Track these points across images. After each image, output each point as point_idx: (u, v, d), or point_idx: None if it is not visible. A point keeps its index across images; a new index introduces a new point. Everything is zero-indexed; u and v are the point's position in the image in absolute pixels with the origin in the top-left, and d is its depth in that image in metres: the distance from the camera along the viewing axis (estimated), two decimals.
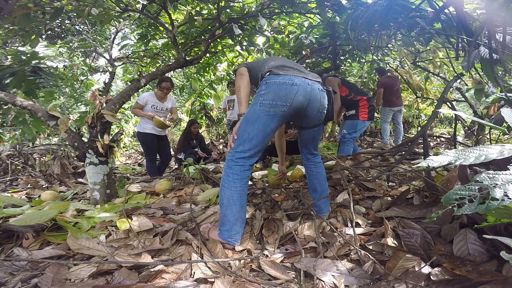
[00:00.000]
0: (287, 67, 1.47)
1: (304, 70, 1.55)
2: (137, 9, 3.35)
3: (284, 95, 1.37)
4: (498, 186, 0.80)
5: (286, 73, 1.41)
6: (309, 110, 1.48)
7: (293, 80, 1.38)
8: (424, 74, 5.59)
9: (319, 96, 1.47)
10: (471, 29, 1.69)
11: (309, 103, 1.45)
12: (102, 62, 6.16)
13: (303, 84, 1.39)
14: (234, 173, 1.41)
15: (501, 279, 0.94)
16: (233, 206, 1.41)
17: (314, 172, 1.76)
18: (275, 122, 1.41)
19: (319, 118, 1.56)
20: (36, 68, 2.66)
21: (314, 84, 1.46)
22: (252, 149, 1.41)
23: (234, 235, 1.45)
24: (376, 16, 2.13)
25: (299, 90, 1.38)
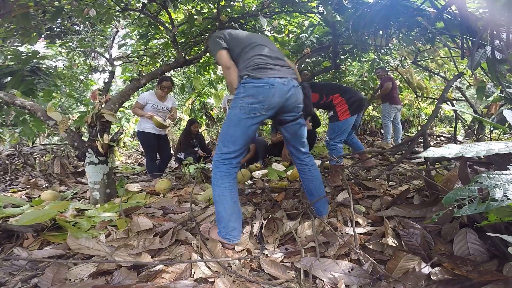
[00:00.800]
0: (265, 68, 1.47)
1: (281, 64, 1.54)
2: (137, 8, 3.34)
3: (262, 98, 1.41)
4: (498, 186, 0.80)
5: (264, 76, 1.43)
6: (286, 106, 1.51)
7: (270, 83, 1.42)
8: (426, 73, 5.59)
9: (294, 93, 1.51)
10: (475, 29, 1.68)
11: (286, 101, 1.48)
12: (102, 62, 6.16)
13: (279, 86, 1.43)
14: (221, 171, 1.47)
15: (502, 279, 0.94)
16: (225, 202, 1.46)
17: (308, 175, 1.73)
18: (256, 123, 1.47)
19: (296, 112, 1.58)
20: (35, 68, 2.66)
21: (290, 82, 1.49)
22: (237, 150, 1.47)
23: (231, 231, 1.47)
24: (378, 16, 2.13)
25: (275, 92, 1.42)
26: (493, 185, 0.81)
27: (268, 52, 1.55)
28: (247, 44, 1.57)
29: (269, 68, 1.47)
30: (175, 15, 4.07)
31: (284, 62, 1.59)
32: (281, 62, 1.56)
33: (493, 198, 0.78)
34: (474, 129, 4.55)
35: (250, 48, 1.56)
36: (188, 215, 1.83)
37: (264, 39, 1.66)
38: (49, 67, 3.11)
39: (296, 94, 1.53)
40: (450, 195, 0.84)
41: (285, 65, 1.56)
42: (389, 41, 3.07)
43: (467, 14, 1.70)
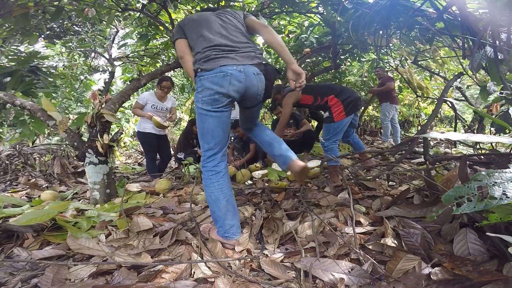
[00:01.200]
0: (216, 57, 1.41)
1: (239, 50, 1.46)
2: (137, 8, 3.34)
3: (219, 88, 1.37)
4: (497, 184, 0.80)
5: (216, 66, 1.38)
6: (248, 94, 1.46)
7: (223, 71, 1.37)
8: (426, 73, 5.59)
9: (255, 80, 1.44)
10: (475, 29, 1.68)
11: (247, 88, 1.43)
12: (102, 62, 6.16)
13: (235, 73, 1.38)
14: (209, 170, 1.47)
15: (502, 279, 0.94)
16: (218, 202, 1.46)
17: (258, 130, 1.71)
18: (223, 111, 1.44)
19: (258, 98, 1.54)
20: (34, 68, 2.66)
21: (248, 69, 1.42)
22: (217, 143, 1.47)
23: (229, 229, 1.47)
24: (379, 17, 2.13)
25: (231, 79, 1.37)
26: (492, 183, 0.81)
27: (222, 41, 1.46)
28: (200, 33, 1.50)
29: (221, 57, 1.41)
30: (175, 15, 4.07)
31: (243, 47, 1.48)
32: (239, 47, 1.47)
33: (492, 196, 0.78)
34: (474, 129, 4.55)
35: (202, 38, 1.48)
36: (188, 215, 1.83)
37: (220, 23, 1.54)
38: (49, 67, 3.10)
39: (257, 82, 1.46)
40: (450, 193, 0.85)
41: (244, 51, 1.46)
42: (389, 41, 3.07)
43: (468, 15, 1.70)
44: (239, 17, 1.62)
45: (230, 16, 1.60)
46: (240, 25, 1.58)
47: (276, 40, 1.51)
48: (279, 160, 1.63)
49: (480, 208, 0.80)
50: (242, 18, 1.63)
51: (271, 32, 1.53)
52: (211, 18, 1.56)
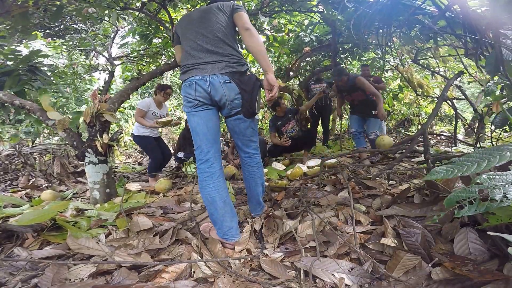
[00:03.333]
0: (188, 71, 1.55)
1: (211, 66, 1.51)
2: (137, 8, 3.33)
3: (189, 95, 1.52)
4: (498, 187, 0.80)
5: (187, 77, 1.53)
6: (217, 101, 1.53)
7: (191, 81, 1.51)
8: (426, 72, 5.57)
9: (220, 87, 1.49)
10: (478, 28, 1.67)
11: (212, 95, 1.51)
12: (102, 61, 6.15)
13: (199, 82, 1.49)
14: (203, 172, 1.51)
15: (502, 278, 0.93)
16: (215, 203, 1.48)
17: (246, 175, 1.76)
18: (203, 114, 1.54)
19: (230, 108, 1.56)
20: (32, 67, 2.65)
21: (215, 78, 1.48)
22: (203, 144, 1.53)
23: (228, 231, 1.49)
24: (379, 16, 2.12)
25: (196, 88, 1.49)
26: (493, 186, 0.80)
27: (196, 52, 1.55)
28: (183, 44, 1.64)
29: (193, 69, 1.53)
30: (174, 14, 4.07)
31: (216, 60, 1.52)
32: (211, 60, 1.52)
33: (493, 198, 0.78)
34: (474, 128, 4.54)
35: (186, 53, 1.61)
36: (188, 215, 1.83)
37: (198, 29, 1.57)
38: (49, 66, 3.09)
39: (222, 89, 1.49)
40: (451, 196, 0.85)
41: (215, 62, 1.52)
42: (390, 40, 3.07)
43: (470, 13, 1.69)
44: (226, 14, 1.59)
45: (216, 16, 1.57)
46: (223, 26, 1.57)
47: (254, 45, 1.49)
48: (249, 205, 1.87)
49: (481, 210, 0.80)
50: (229, 14, 1.59)
51: (251, 35, 1.50)
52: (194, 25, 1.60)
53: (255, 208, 1.84)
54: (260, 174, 1.75)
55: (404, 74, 4.74)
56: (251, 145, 1.71)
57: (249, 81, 1.54)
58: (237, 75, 1.53)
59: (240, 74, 1.54)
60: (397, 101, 6.83)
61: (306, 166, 3.06)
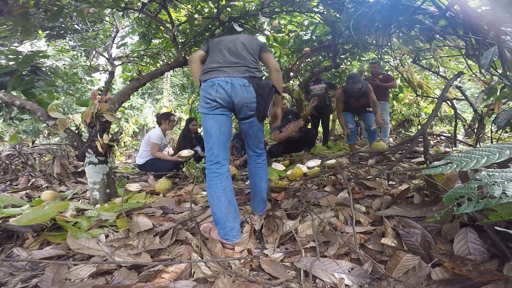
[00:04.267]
0: (211, 71, 1.63)
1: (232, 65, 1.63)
2: (137, 7, 3.34)
3: (209, 95, 1.57)
4: (497, 184, 0.80)
5: (209, 77, 1.61)
6: (235, 103, 1.60)
7: (213, 81, 1.58)
8: (426, 73, 5.57)
9: (240, 90, 1.57)
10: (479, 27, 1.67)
11: (232, 97, 1.58)
12: (103, 62, 6.15)
13: (221, 83, 1.56)
14: (212, 172, 1.58)
15: (502, 278, 0.93)
16: (219, 203, 1.52)
17: (252, 171, 1.86)
18: (218, 118, 1.60)
19: (247, 111, 1.64)
20: (34, 68, 2.65)
21: (236, 80, 1.57)
22: (215, 147, 1.60)
23: (229, 231, 1.51)
24: (379, 16, 2.12)
25: (217, 89, 1.56)
26: (492, 182, 0.81)
27: (223, 57, 1.67)
28: (212, 50, 1.75)
29: (215, 71, 1.63)
30: (175, 14, 4.07)
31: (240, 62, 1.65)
32: (236, 62, 1.65)
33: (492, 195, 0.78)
34: (474, 128, 4.54)
35: (211, 56, 1.73)
36: (188, 215, 1.83)
37: (230, 42, 1.73)
38: (50, 67, 3.09)
39: (242, 92, 1.57)
40: (450, 193, 0.85)
41: (237, 66, 1.63)
42: (390, 40, 3.07)
43: (470, 13, 1.69)
44: (254, 44, 1.77)
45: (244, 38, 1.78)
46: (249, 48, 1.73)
47: (278, 82, 1.77)
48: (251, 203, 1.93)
49: (480, 207, 0.80)
50: (257, 47, 1.77)
51: (279, 75, 1.79)
52: (227, 38, 1.78)
53: (259, 205, 1.88)
54: (265, 170, 1.86)
55: (404, 75, 4.74)
56: (260, 145, 1.83)
57: (266, 87, 1.66)
58: (255, 80, 1.63)
59: (258, 79, 1.65)
60: (397, 102, 6.83)
61: (306, 167, 3.06)
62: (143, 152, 3.36)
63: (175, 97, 13.00)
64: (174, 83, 12.73)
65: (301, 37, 4.10)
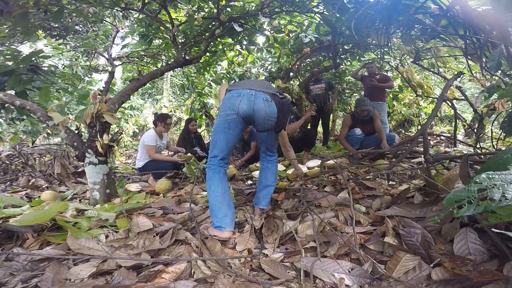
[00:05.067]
0: (239, 84, 1.77)
1: (258, 84, 1.76)
2: (137, 8, 3.34)
3: (232, 104, 1.66)
4: (497, 186, 0.80)
5: (236, 88, 1.72)
6: (255, 116, 1.68)
7: (239, 93, 1.67)
8: (426, 73, 5.57)
9: (263, 105, 1.66)
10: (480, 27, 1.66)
11: (254, 110, 1.66)
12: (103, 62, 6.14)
13: (246, 95, 1.66)
14: (213, 169, 1.71)
15: (502, 278, 0.93)
16: (216, 192, 1.65)
17: (265, 166, 1.98)
18: (232, 128, 1.69)
19: (267, 124, 1.71)
20: (34, 67, 2.65)
21: (260, 94, 1.67)
22: (221, 152, 1.72)
23: (222, 218, 1.59)
24: (380, 16, 2.12)
25: (242, 99, 1.65)
26: (492, 185, 0.81)
27: (250, 81, 1.85)
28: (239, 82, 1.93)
29: (242, 84, 1.76)
30: (175, 14, 4.07)
31: (263, 84, 1.79)
32: (261, 84, 1.78)
33: (492, 198, 0.78)
34: (474, 128, 4.55)
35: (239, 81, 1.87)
36: (188, 215, 1.83)
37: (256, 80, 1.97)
38: (51, 66, 3.08)
39: (264, 107, 1.66)
40: (450, 196, 0.85)
41: (262, 85, 1.76)
42: (390, 40, 3.07)
43: (470, 12, 1.68)
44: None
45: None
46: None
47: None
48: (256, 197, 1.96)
49: (479, 210, 0.80)
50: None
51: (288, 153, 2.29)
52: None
53: (264, 199, 1.91)
54: (276, 167, 1.99)
55: (404, 75, 4.74)
56: (273, 149, 2.00)
57: (286, 104, 1.76)
58: (277, 98, 1.74)
59: (279, 98, 1.76)
60: (397, 102, 6.83)
61: (306, 167, 3.06)
62: (141, 155, 3.36)
63: (175, 98, 13.00)
64: (174, 83, 12.73)
65: (301, 38, 4.10)
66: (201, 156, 3.93)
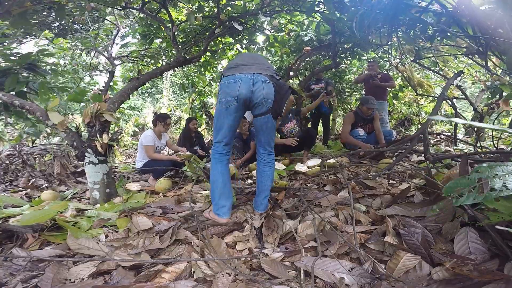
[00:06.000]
0: (236, 66, 1.74)
1: (253, 64, 1.74)
2: (138, 6, 3.33)
3: (231, 90, 1.67)
4: (497, 176, 0.79)
5: (232, 73, 1.71)
6: (254, 97, 1.70)
7: (236, 78, 1.67)
8: (426, 72, 5.56)
9: (261, 86, 1.68)
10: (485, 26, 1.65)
11: (253, 92, 1.68)
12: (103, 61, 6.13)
13: (245, 79, 1.66)
14: (215, 158, 1.82)
15: (503, 278, 0.93)
16: (217, 182, 1.78)
17: (261, 170, 1.95)
18: (233, 113, 1.73)
19: (265, 106, 1.73)
20: (32, 65, 2.63)
21: (258, 77, 1.68)
22: (224, 138, 1.79)
23: (220, 208, 1.77)
24: (383, 15, 2.12)
25: (241, 84, 1.65)
26: (493, 175, 0.80)
27: (245, 60, 1.79)
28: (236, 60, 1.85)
29: (239, 67, 1.73)
30: (175, 13, 4.06)
31: (260, 63, 1.78)
32: (257, 63, 1.77)
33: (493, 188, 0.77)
34: (474, 127, 4.54)
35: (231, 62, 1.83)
36: (189, 214, 1.83)
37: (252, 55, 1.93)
38: (52, 65, 3.07)
39: (263, 88, 1.68)
40: (450, 184, 0.84)
41: (259, 65, 1.75)
42: (391, 39, 3.06)
43: (475, 12, 1.67)
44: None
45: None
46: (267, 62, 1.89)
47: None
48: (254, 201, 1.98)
49: (479, 199, 0.79)
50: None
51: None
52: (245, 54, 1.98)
53: (262, 203, 1.93)
54: (273, 169, 1.98)
55: (404, 74, 4.73)
56: (272, 143, 1.94)
57: (284, 86, 1.77)
58: (274, 79, 1.75)
59: (276, 79, 1.77)
60: (397, 101, 6.83)
61: (306, 166, 3.06)
62: (140, 155, 3.36)
63: (175, 97, 13.00)
64: (174, 82, 12.72)
65: (301, 37, 4.10)
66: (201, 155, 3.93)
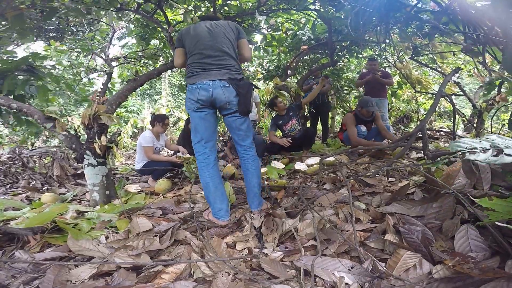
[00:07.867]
0: (194, 75, 1.80)
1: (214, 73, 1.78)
2: (133, 8, 3.32)
3: (193, 97, 1.79)
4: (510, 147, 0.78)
5: (193, 81, 1.79)
6: (217, 102, 1.80)
7: (196, 85, 1.77)
8: (424, 69, 5.56)
9: (221, 91, 1.76)
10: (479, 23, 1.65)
11: (214, 97, 1.77)
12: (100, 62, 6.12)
13: (203, 87, 1.76)
14: (200, 162, 1.85)
15: (504, 276, 0.93)
16: (209, 188, 1.82)
17: (244, 168, 1.96)
18: (205, 114, 1.82)
19: (230, 109, 1.83)
20: (29, 67, 2.62)
21: (216, 82, 1.76)
22: (202, 139, 1.84)
23: (217, 211, 1.82)
24: (378, 13, 2.12)
25: (200, 90, 1.76)
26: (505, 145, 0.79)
27: (204, 57, 1.80)
28: (191, 50, 1.84)
29: (198, 74, 1.80)
30: (171, 14, 4.05)
31: (220, 65, 1.80)
32: (217, 65, 1.79)
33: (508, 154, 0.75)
34: (473, 123, 4.54)
35: (191, 54, 1.84)
36: (189, 215, 1.83)
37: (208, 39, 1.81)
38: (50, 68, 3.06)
39: (224, 93, 1.77)
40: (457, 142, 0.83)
41: (217, 69, 1.79)
42: (388, 37, 3.06)
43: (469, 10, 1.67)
44: (234, 33, 1.89)
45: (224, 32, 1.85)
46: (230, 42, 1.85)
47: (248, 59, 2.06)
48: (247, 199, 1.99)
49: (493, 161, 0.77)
50: (236, 36, 1.90)
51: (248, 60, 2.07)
52: (203, 37, 1.83)
53: (253, 201, 1.95)
54: (256, 165, 1.95)
55: (402, 71, 4.73)
56: (246, 139, 1.94)
57: (245, 85, 1.81)
58: (235, 81, 1.81)
59: (237, 80, 1.82)
60: (396, 98, 6.82)
61: (306, 165, 3.05)
62: (139, 156, 3.35)
63: (174, 97, 12.98)
64: (172, 83, 12.70)
65: (299, 36, 4.09)
66: None
